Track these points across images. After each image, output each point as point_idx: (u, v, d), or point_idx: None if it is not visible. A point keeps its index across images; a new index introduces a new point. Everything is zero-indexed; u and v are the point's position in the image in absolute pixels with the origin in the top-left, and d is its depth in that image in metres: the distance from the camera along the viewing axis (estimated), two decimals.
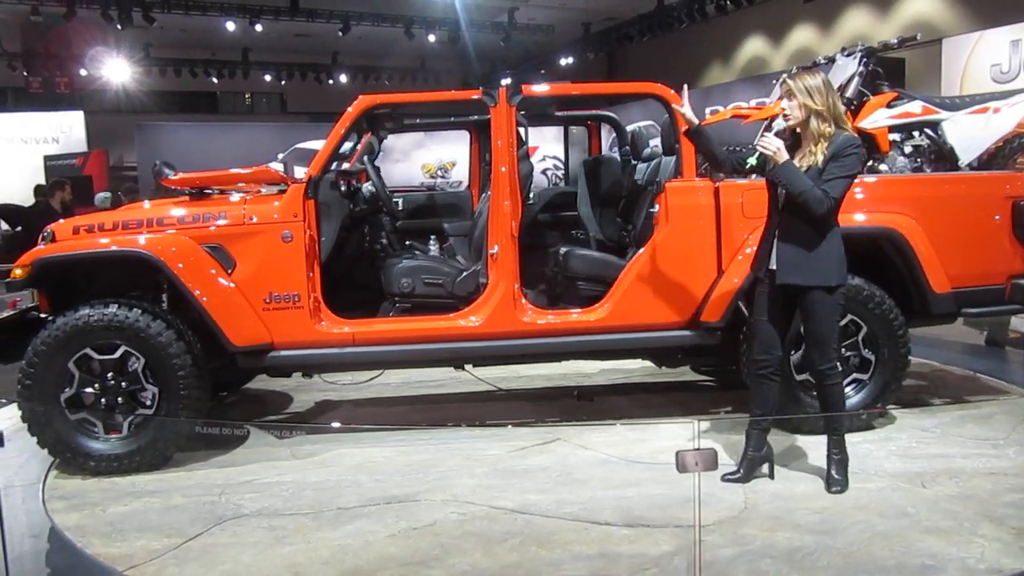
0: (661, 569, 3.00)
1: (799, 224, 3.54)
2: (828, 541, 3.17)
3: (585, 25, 20.79)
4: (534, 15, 19.83)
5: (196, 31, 19.80)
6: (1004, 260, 4.60)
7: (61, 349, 4.05)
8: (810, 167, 3.48)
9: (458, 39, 19.43)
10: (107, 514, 3.67)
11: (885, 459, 4.05)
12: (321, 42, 20.77)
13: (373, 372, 5.40)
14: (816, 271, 3.56)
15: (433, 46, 20.83)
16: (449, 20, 19.11)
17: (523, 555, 3.13)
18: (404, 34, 18.96)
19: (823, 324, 3.60)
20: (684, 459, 2.83)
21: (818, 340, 3.63)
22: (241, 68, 21.79)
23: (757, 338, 3.75)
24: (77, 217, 4.60)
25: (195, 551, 3.26)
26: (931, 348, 6.35)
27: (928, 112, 4.86)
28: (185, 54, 21.30)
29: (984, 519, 3.31)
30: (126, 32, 17.64)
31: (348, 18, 18.32)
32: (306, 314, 4.30)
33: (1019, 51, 10.42)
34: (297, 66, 22.27)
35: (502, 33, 19.59)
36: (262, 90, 25.29)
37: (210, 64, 21.50)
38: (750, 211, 4.32)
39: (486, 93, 4.43)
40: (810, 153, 3.52)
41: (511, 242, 4.37)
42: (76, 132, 17.07)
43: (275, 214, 4.29)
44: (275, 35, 20.07)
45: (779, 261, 3.59)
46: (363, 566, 3.09)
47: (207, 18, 18.22)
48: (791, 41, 16.67)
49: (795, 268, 3.56)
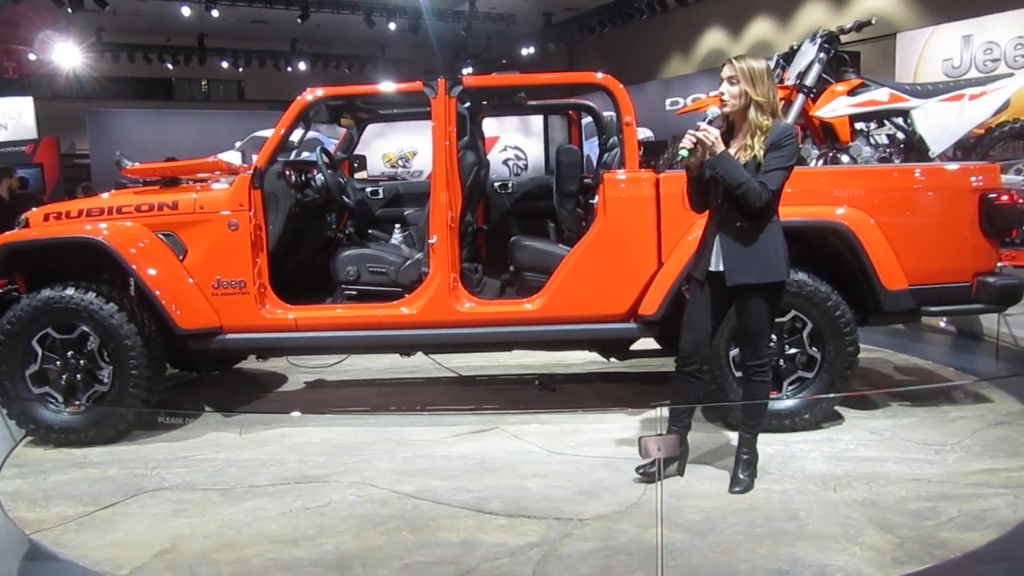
0: (513, 559, 3.02)
1: (739, 220, 3.39)
2: (696, 541, 3.12)
3: (546, 15, 20.64)
4: (495, 4, 19.71)
5: (150, 16, 19.27)
6: (970, 257, 4.37)
7: (25, 328, 4.37)
8: (747, 162, 3.33)
9: (419, 27, 19.21)
10: (46, 482, 3.95)
11: (811, 461, 3.92)
12: (279, 28, 20.37)
13: (337, 356, 5.56)
14: (766, 268, 3.42)
15: (394, 34, 20.49)
16: (410, 8, 18.86)
17: (390, 539, 3.21)
18: (364, 21, 18.71)
19: (762, 320, 3.50)
20: (647, 445, 2.82)
21: (756, 336, 3.53)
22: (197, 54, 21.27)
23: (689, 336, 3.58)
24: (51, 204, 4.93)
25: (100, 520, 3.49)
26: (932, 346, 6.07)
27: (896, 100, 4.64)
28: (139, 39, 20.84)
29: (875, 526, 3.19)
30: (77, 16, 17.05)
31: (307, 4, 18.05)
32: (252, 299, 4.49)
33: (970, 46, 10.61)
34: (255, 53, 21.82)
35: (463, 22, 19.40)
36: (219, 77, 24.78)
37: (165, 50, 21.06)
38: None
39: (427, 85, 4.49)
40: (747, 146, 3.36)
41: (447, 232, 4.43)
42: (26, 119, 16.63)
43: (222, 203, 4.49)
44: (232, 21, 19.61)
45: (726, 262, 3.40)
46: (238, 540, 3.24)
47: (161, 3, 17.78)
48: (750, 33, 17.07)
49: (744, 268, 3.41)
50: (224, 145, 11.60)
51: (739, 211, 3.35)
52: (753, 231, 3.38)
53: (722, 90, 3.37)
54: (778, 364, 4.31)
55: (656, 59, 19.09)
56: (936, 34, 11.33)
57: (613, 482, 3.72)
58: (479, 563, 3.00)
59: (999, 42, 10.42)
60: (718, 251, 3.41)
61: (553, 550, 3.08)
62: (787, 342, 4.31)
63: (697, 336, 3.56)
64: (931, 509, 3.34)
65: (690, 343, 3.57)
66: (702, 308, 3.53)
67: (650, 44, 19.03)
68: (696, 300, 3.56)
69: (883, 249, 4.24)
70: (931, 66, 11.10)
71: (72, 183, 12.71)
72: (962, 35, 10.86)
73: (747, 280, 3.40)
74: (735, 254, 3.39)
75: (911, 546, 3.02)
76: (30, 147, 15.55)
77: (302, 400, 5.42)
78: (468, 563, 3.00)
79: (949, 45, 10.98)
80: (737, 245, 3.38)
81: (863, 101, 4.65)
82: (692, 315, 3.57)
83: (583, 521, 3.33)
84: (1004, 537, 3.07)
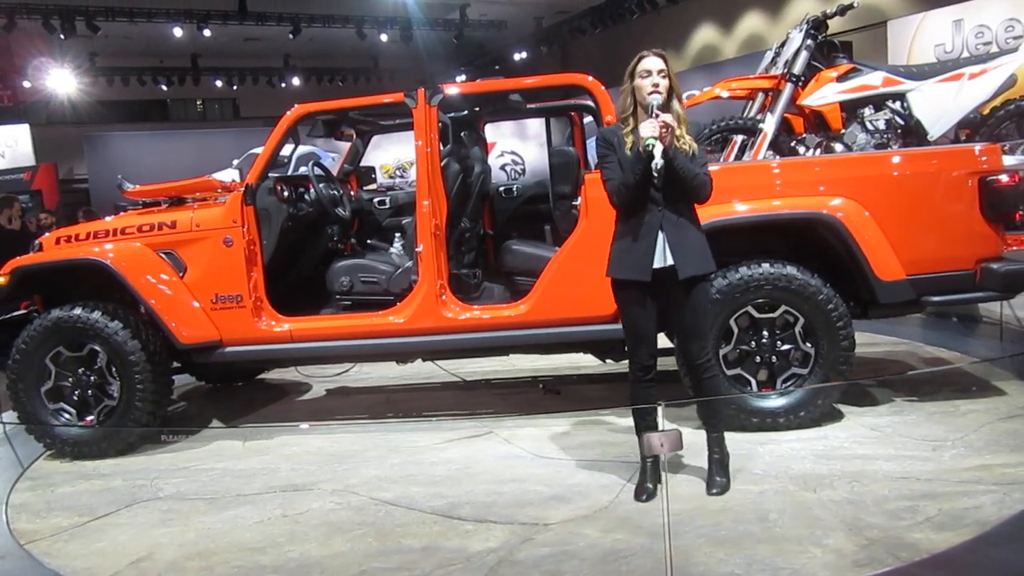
0: (468, 564, 3.03)
1: (682, 212, 3.35)
2: (655, 544, 3.06)
3: (537, 19, 20.44)
4: (486, 11, 19.50)
5: (142, 38, 19.13)
6: (972, 243, 4.18)
7: (38, 347, 4.60)
8: (685, 151, 3.29)
9: (410, 37, 19.13)
10: (53, 494, 4.15)
11: (799, 459, 3.81)
12: (272, 45, 20.33)
13: (343, 366, 5.66)
14: (708, 259, 3.42)
15: (386, 45, 20.40)
16: (400, 19, 18.74)
17: (354, 545, 3.26)
18: (356, 34, 18.67)
19: (707, 312, 3.48)
20: (650, 440, 2.81)
21: (702, 332, 3.49)
22: (191, 74, 21.36)
23: (644, 347, 3.47)
24: (62, 229, 5.17)
25: (90, 530, 3.64)
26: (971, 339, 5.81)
27: (890, 83, 4.46)
28: (132, 62, 20.80)
29: (845, 528, 3.08)
30: (70, 42, 17.06)
31: (298, 20, 18.04)
32: (248, 313, 4.62)
33: (962, 31, 10.48)
34: (249, 70, 21.83)
35: (454, 30, 19.25)
36: (214, 96, 24.78)
37: (159, 72, 21.18)
38: None
39: (407, 95, 4.54)
40: (679, 137, 3.31)
41: (432, 240, 4.47)
42: (22, 146, 16.62)
43: (216, 220, 4.63)
44: (224, 40, 19.62)
45: (677, 255, 3.31)
46: (211, 549, 3.34)
47: (153, 25, 17.77)
48: (741, 28, 16.93)
49: (694, 260, 3.36)
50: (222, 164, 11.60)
51: (682, 203, 3.31)
52: (694, 222, 3.37)
53: (655, 82, 3.28)
54: (770, 360, 4.22)
55: None
56: (927, 20, 11.34)
57: (589, 486, 3.70)
58: (433, 569, 3.02)
59: (990, 25, 10.33)
60: (663, 246, 3.31)
61: (509, 555, 3.08)
62: (779, 338, 4.20)
63: (650, 347, 3.47)
64: (910, 508, 3.21)
65: (647, 354, 3.46)
66: (646, 314, 3.41)
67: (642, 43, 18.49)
68: (636, 308, 3.41)
69: (876, 239, 4.10)
70: (923, 52, 11.04)
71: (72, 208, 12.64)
72: (953, 20, 10.84)
73: (698, 271, 3.36)
74: (684, 246, 3.32)
75: (876, 548, 2.91)
76: (28, 174, 15.67)
77: (314, 408, 5.55)
78: (423, 569, 3.02)
79: (940, 30, 10.96)
80: (683, 237, 3.33)
81: (855, 86, 4.48)
82: (638, 324, 3.43)
83: (548, 526, 3.31)
84: (976, 539, 2.92)
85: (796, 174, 4.25)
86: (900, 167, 4.21)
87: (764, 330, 4.21)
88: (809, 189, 4.17)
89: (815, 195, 4.16)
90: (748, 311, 4.20)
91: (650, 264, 3.31)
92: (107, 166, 16.92)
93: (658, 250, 3.31)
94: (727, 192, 4.17)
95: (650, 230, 3.32)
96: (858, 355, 4.30)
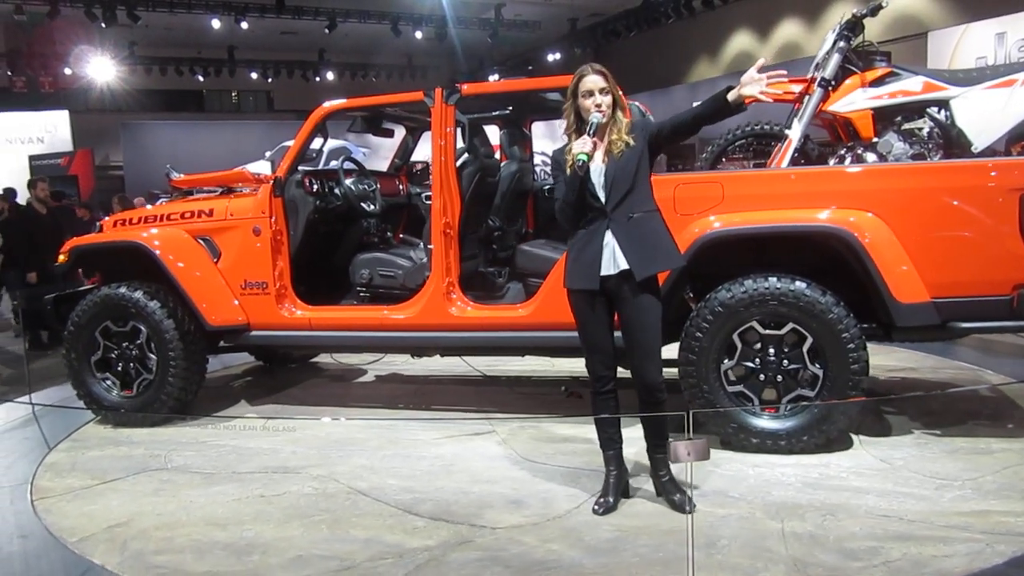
0: (397, 561, 3.07)
1: (630, 212, 3.25)
2: (588, 560, 3.00)
3: (572, 21, 20.05)
4: (520, 11, 19.26)
5: (181, 29, 19.41)
6: (1009, 266, 3.79)
7: (90, 321, 5.00)
8: (622, 151, 3.24)
9: (445, 36, 18.97)
10: (82, 456, 4.51)
11: (782, 486, 3.60)
12: (307, 39, 20.41)
13: (374, 355, 5.81)
14: (671, 255, 3.36)
15: (420, 43, 20.22)
16: (436, 17, 18.65)
17: (305, 531, 3.37)
18: (391, 31, 18.64)
19: (657, 332, 3.34)
20: (676, 449, 2.83)
21: (653, 351, 3.35)
22: (227, 66, 21.58)
23: (600, 359, 3.42)
24: (123, 212, 5.56)
25: (94, 493, 3.94)
26: None
27: (931, 89, 4.09)
28: (171, 52, 21.04)
29: (789, 564, 2.90)
30: (110, 30, 17.26)
31: (334, 15, 18.08)
32: (272, 299, 4.84)
33: (1004, 43, 9.94)
34: (284, 63, 21.90)
35: (489, 29, 19.07)
36: (249, 88, 24.92)
37: (196, 62, 21.41)
38: (683, 207, 4.06)
39: (426, 94, 4.60)
40: (616, 141, 3.26)
41: (442, 238, 4.52)
42: (61, 131, 17.01)
43: (247, 210, 4.88)
44: (261, 33, 19.80)
45: (631, 256, 3.22)
46: (181, 520, 3.53)
47: (192, 16, 17.99)
48: (778, 35, 16.35)
49: (652, 257, 3.28)
50: (254, 155, 11.72)
51: (629, 203, 3.22)
52: (645, 219, 3.27)
53: (598, 101, 3.23)
54: (775, 380, 4.01)
55: (683, 63, 18.52)
56: (968, 32, 10.93)
57: (557, 494, 3.65)
58: (362, 561, 3.08)
59: None
60: (612, 252, 3.23)
61: (441, 555, 3.10)
62: (785, 356, 3.98)
63: (606, 357, 3.41)
64: (872, 550, 2.98)
65: (603, 366, 3.41)
66: (599, 325, 3.35)
67: (676, 48, 18.49)
68: (589, 318, 3.36)
69: (895, 257, 3.80)
70: (965, 65, 10.35)
71: (107, 194, 13.00)
72: (995, 32, 10.38)
73: (658, 268, 3.30)
74: (637, 246, 3.23)
75: None
76: (65, 159, 16.25)
77: (346, 394, 5.73)
78: (353, 560, 3.09)
79: (982, 43, 10.50)
80: (635, 237, 3.24)
81: (890, 92, 4.12)
82: (592, 336, 3.38)
83: (494, 530, 3.30)
84: None
85: (813, 184, 4.00)
86: (927, 180, 3.87)
87: (770, 347, 4.00)
88: (826, 201, 3.91)
89: (831, 208, 3.89)
90: (754, 326, 4.00)
91: (597, 272, 3.26)
92: (142, 154, 17.61)
93: (606, 257, 3.25)
94: (737, 201, 4.01)
95: (596, 238, 3.27)
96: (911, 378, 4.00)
